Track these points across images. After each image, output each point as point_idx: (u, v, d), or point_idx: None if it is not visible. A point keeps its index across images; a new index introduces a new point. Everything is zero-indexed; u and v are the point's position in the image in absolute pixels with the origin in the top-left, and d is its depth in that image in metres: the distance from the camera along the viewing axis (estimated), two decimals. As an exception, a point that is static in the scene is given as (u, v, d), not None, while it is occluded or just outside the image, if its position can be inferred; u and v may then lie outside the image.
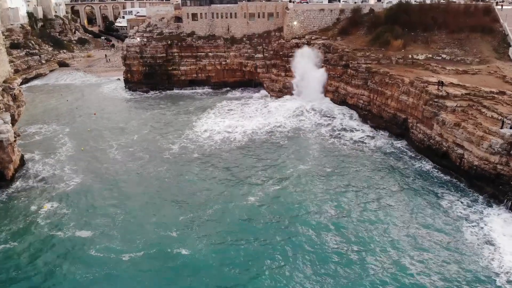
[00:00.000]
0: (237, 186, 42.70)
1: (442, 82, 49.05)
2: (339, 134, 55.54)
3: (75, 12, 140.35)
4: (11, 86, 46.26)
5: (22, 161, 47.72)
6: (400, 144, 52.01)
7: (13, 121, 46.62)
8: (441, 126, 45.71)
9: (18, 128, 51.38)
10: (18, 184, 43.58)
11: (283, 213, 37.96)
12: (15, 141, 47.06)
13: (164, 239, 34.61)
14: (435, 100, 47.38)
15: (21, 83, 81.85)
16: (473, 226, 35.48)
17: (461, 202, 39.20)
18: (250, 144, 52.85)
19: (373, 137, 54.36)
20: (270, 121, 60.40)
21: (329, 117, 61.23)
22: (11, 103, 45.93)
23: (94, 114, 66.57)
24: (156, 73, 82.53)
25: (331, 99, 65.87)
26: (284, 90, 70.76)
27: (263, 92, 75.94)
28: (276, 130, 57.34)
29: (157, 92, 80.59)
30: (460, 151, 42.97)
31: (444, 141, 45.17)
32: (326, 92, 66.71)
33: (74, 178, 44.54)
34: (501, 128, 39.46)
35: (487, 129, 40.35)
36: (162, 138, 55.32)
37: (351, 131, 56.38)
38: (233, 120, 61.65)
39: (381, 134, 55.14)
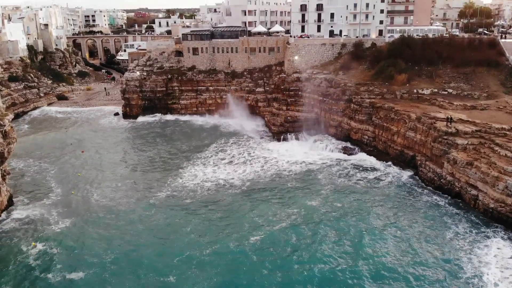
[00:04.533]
0: (237, 225, 40.62)
1: (451, 118, 47.20)
2: (349, 172, 52.43)
3: (77, 45, 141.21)
4: (1, 123, 44.30)
5: (11, 202, 45.19)
6: (411, 180, 49.38)
7: (3, 159, 44.43)
8: (452, 165, 43.42)
9: (8, 165, 49.03)
10: (4, 226, 40.95)
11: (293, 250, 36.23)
12: (4, 179, 44.89)
13: (161, 283, 32.55)
14: (445, 137, 45.37)
15: (17, 116, 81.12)
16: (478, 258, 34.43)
17: (471, 233, 37.53)
18: (250, 188, 49.24)
19: (383, 172, 51.75)
20: (270, 166, 56.04)
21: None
22: (1, 140, 43.82)
23: (82, 152, 63.01)
24: (155, 107, 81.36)
25: (333, 135, 63.77)
26: (285, 125, 68.88)
27: (264, 127, 73.82)
28: (281, 174, 53.25)
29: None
30: (474, 192, 40.54)
31: (457, 181, 42.78)
32: (328, 127, 64.77)
33: (63, 221, 42.06)
34: (518, 168, 37.25)
35: (502, 169, 38.11)
36: (154, 180, 52.09)
37: (364, 169, 53.08)
38: (228, 166, 56.51)
39: (391, 169, 52.65)
